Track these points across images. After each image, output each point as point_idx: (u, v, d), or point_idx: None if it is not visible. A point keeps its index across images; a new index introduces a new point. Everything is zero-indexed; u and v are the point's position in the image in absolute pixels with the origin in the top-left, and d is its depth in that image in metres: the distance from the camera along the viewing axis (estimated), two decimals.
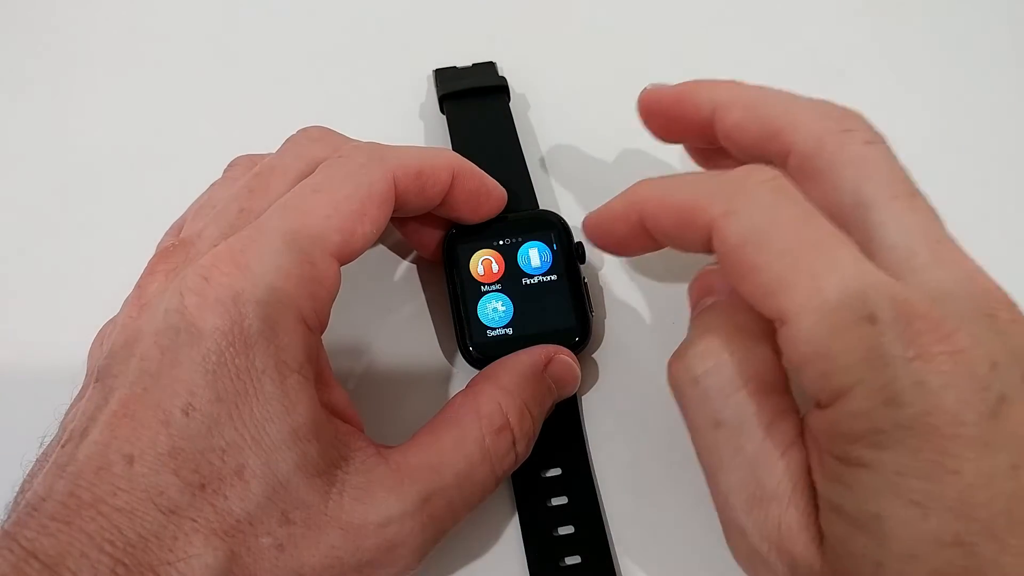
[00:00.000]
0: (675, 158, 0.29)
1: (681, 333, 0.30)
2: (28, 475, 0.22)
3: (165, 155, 0.35)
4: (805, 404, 0.21)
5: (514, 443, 0.24)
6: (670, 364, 0.23)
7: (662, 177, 0.24)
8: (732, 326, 0.22)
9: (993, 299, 0.19)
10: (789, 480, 0.20)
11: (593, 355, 0.30)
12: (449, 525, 0.23)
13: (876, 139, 0.22)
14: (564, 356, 0.27)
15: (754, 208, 0.20)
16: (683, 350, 0.23)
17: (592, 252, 0.32)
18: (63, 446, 0.21)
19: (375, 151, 0.26)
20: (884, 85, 0.36)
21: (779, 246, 0.20)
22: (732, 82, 0.25)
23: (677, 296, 0.31)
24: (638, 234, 0.24)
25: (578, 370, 0.27)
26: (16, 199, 0.35)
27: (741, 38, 0.38)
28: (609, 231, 0.25)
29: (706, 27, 0.38)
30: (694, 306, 0.25)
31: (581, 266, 0.29)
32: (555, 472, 0.27)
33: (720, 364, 0.21)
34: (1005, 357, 0.18)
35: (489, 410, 0.24)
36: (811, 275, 0.19)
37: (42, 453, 0.22)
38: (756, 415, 0.21)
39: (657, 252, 0.31)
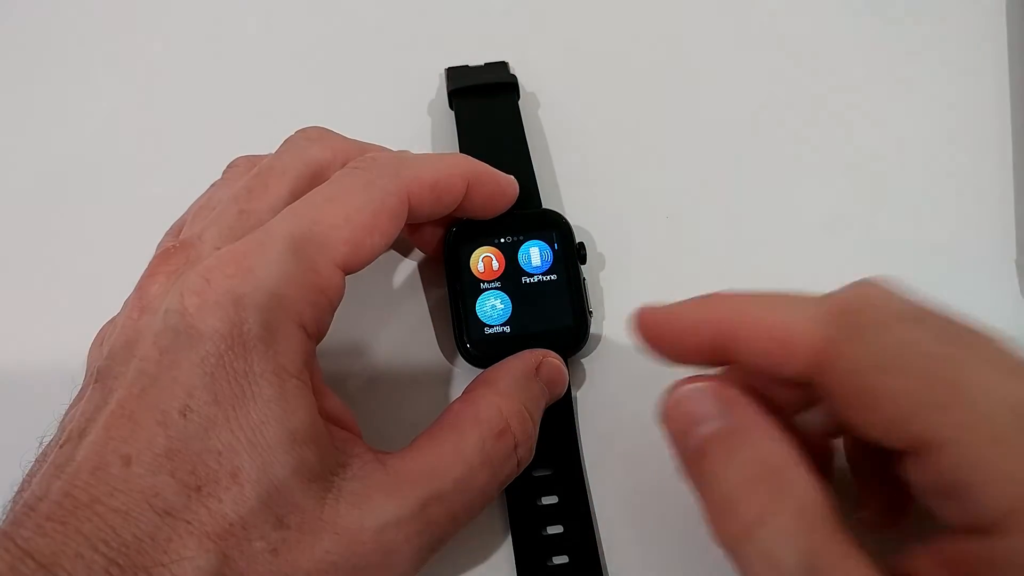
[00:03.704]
0: (681, 162, 0.28)
1: None
2: (26, 475, 0.22)
3: (165, 155, 0.35)
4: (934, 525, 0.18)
5: (515, 447, 0.24)
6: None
7: (747, 293, 0.21)
8: (770, 467, 0.19)
9: None
10: None
11: (590, 356, 0.30)
12: (449, 532, 0.23)
13: None
14: (553, 359, 0.27)
15: (879, 330, 0.18)
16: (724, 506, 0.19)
17: (593, 252, 0.32)
18: (61, 446, 0.21)
19: (391, 163, 0.25)
20: (887, 85, 0.36)
21: (917, 367, 0.18)
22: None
23: (675, 298, 0.31)
24: (707, 350, 0.21)
25: (567, 372, 0.27)
26: (15, 199, 0.35)
27: (745, 38, 0.37)
28: (674, 341, 0.22)
29: (710, 27, 0.38)
30: (680, 439, 0.21)
31: (582, 266, 0.29)
32: (546, 471, 0.27)
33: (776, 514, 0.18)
34: None
35: (488, 415, 0.24)
36: (964, 392, 0.17)
37: (41, 453, 0.23)
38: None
39: (654, 253, 0.32)
